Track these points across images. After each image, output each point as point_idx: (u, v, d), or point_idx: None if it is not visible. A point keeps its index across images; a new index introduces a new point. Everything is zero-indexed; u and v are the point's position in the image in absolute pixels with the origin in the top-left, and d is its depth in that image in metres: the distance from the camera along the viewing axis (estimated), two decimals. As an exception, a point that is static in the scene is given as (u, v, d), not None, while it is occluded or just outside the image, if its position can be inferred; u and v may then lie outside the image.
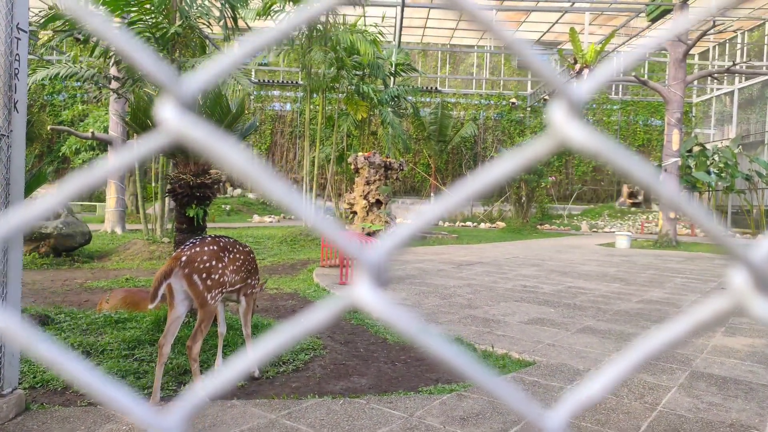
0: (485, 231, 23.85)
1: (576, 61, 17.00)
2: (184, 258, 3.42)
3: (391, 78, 20.14)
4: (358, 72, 17.55)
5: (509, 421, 3.17)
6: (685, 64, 17.55)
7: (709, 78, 27.96)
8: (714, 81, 29.00)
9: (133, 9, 8.56)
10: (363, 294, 0.39)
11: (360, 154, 17.18)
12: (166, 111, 0.38)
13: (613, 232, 23.94)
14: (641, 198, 29.37)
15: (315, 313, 0.40)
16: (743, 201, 24.28)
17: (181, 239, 4.86)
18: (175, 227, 5.11)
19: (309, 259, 11.21)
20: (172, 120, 0.37)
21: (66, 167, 27.95)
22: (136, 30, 8.60)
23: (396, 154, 22.50)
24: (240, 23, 10.91)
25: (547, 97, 28.21)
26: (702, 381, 4.02)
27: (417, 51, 31.38)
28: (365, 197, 16.55)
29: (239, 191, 28.51)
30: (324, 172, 22.36)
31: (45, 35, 11.08)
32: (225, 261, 3.64)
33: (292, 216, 24.95)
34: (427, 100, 30.51)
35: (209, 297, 3.46)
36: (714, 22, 18.63)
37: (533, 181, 24.31)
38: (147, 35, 8.70)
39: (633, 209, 28.88)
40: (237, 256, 3.81)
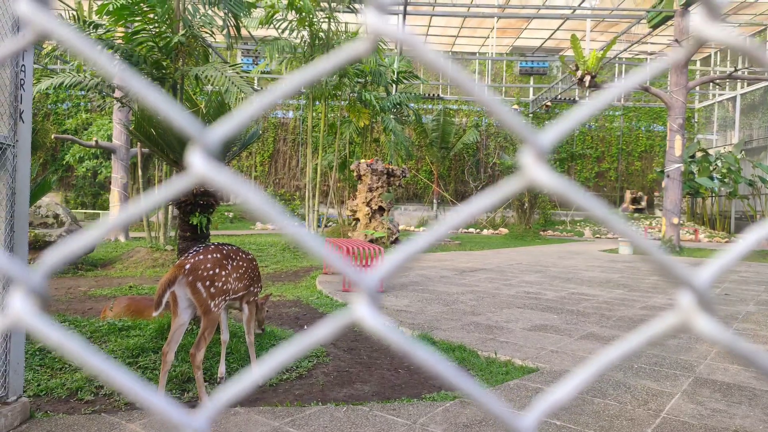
0: (488, 237, 23.83)
1: (578, 68, 17.04)
2: (187, 266, 3.44)
3: (393, 85, 20.20)
4: (360, 80, 17.61)
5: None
6: (687, 70, 17.57)
7: (711, 84, 27.96)
8: (716, 87, 29.01)
9: (137, 19, 8.64)
10: (362, 313, 0.46)
11: (362, 161, 17.22)
12: (194, 157, 0.45)
13: (617, 238, 23.91)
14: (644, 204, 29.33)
15: (320, 328, 0.47)
16: (746, 206, 24.23)
17: (185, 247, 4.88)
18: (179, 235, 5.13)
19: (312, 267, 11.22)
20: (199, 165, 0.44)
21: (70, 176, 28.07)
22: (139, 39, 8.68)
23: (398, 161, 22.54)
24: (243, 32, 10.98)
25: (549, 104, 28.26)
26: (706, 387, 4.01)
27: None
28: (368, 204, 16.57)
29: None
30: (326, 179, 22.41)
31: (49, 44, 11.16)
32: (228, 269, 3.66)
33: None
34: (430, 107, 30.59)
35: (213, 305, 3.47)
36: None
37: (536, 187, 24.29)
38: (150, 44, 8.77)
39: (636, 215, 28.83)
40: (240, 263, 3.82)
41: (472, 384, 0.48)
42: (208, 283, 3.46)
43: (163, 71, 9.04)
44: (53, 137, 17.72)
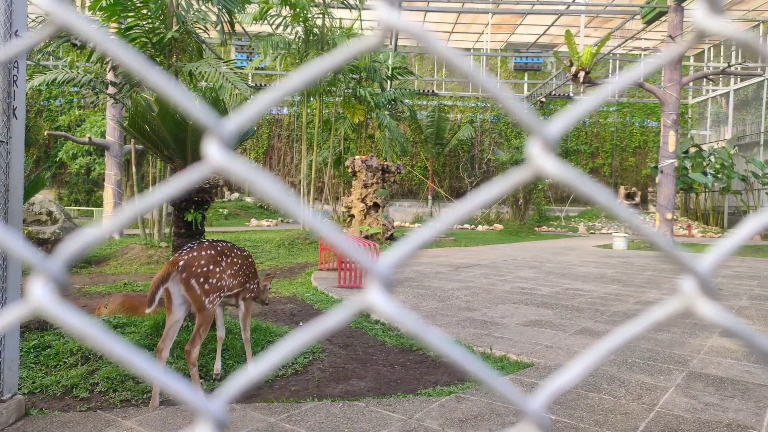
0: (483, 233, 23.87)
1: (572, 64, 17.06)
2: (181, 262, 3.43)
3: (388, 81, 20.16)
4: (354, 76, 17.57)
5: (507, 423, 3.18)
6: (681, 65, 17.61)
7: (705, 79, 28.08)
8: (709, 82, 29.13)
9: (130, 15, 8.59)
10: (375, 299, 0.47)
11: (357, 157, 17.20)
12: (210, 148, 0.46)
13: (611, 233, 24.00)
14: (638, 199, 29.43)
15: (332, 315, 0.47)
16: (740, 202, 24.36)
17: (179, 243, 4.87)
18: (173, 231, 5.11)
19: (307, 263, 11.21)
20: (216, 156, 0.46)
21: (63, 172, 27.92)
22: (133, 35, 8.62)
23: (393, 157, 22.52)
24: (237, 28, 10.93)
25: (544, 100, 28.31)
26: (699, 381, 4.04)
27: (413, 54, 31.46)
28: (363, 200, 16.57)
29: (237, 195, 28.49)
30: (321, 175, 22.37)
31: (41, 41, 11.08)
32: (223, 265, 3.65)
33: (289, 220, 24.92)
34: (424, 103, 30.57)
35: (207, 301, 3.47)
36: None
37: (530, 183, 24.36)
38: (144, 40, 8.72)
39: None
40: (235, 260, 3.81)
41: (482, 367, 0.49)
42: (202, 280, 3.45)
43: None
44: (46, 134, 17.60)
